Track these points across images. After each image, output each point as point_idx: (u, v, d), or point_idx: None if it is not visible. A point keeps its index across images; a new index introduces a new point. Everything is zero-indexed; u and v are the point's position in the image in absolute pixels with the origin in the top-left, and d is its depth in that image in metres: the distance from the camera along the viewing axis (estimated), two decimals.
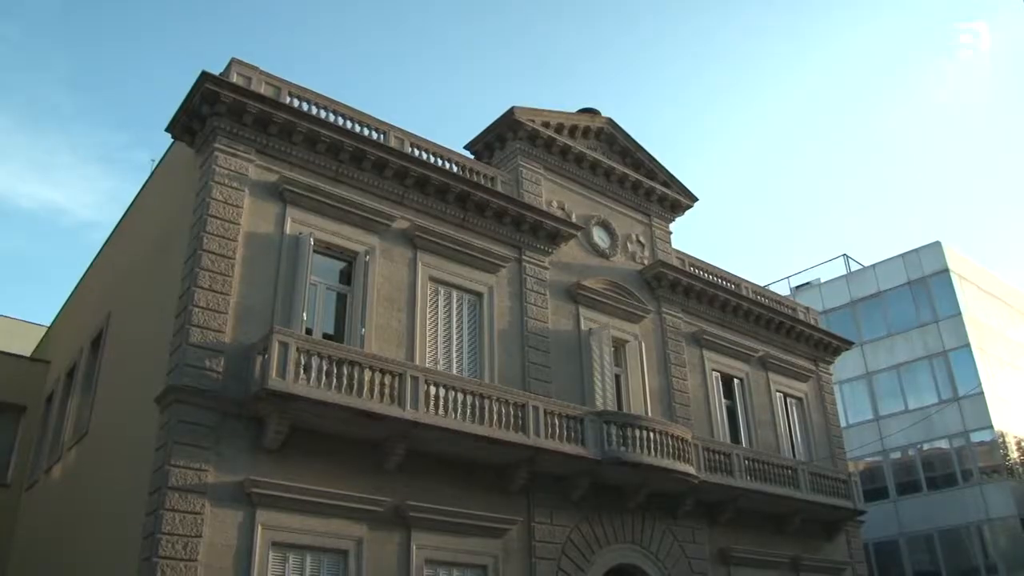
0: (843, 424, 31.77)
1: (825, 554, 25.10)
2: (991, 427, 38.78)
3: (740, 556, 22.24)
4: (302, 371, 14.78)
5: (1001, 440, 38.97)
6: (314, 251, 17.00)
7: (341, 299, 17.64)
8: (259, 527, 14.47)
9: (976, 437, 39.14)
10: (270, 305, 16.15)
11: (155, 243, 19.02)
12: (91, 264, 25.18)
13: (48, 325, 29.91)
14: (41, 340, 29.85)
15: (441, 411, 16.20)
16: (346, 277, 17.79)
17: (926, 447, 40.64)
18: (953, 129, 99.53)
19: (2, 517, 24.66)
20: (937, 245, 42.56)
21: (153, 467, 14.46)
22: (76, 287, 26.45)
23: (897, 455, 41.39)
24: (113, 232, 23.51)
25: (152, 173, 21.45)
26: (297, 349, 14.84)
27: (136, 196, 22.17)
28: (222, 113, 16.53)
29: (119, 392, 18.38)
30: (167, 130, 17.63)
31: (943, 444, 40.11)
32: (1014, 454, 39.85)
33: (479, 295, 19.57)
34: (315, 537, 15.04)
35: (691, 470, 19.91)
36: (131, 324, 19.17)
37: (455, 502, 16.90)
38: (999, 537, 37.65)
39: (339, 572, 15.19)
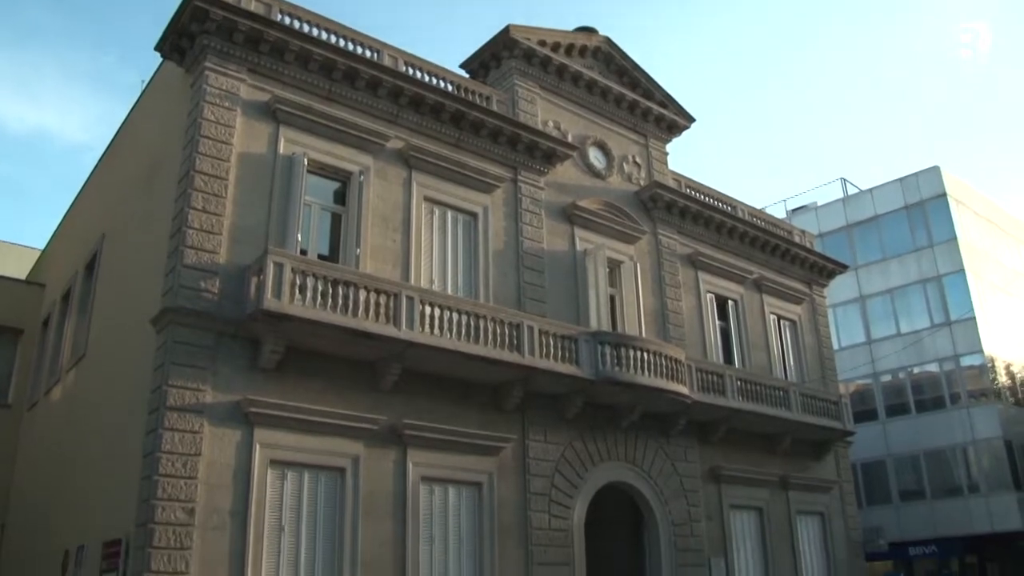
0: (835, 347, 32.05)
1: (814, 473, 25.61)
2: (981, 352, 39.18)
3: (730, 474, 22.67)
4: (297, 291, 14.81)
5: (991, 364, 39.43)
6: (308, 171, 16.86)
7: (336, 220, 17.56)
8: (257, 446, 14.66)
9: (966, 361, 39.58)
10: (264, 226, 16.09)
11: (147, 165, 18.84)
12: (83, 186, 24.98)
13: (42, 248, 29.81)
14: (36, 263, 29.79)
15: (436, 331, 16.29)
16: (340, 197, 17.68)
17: (916, 370, 41.13)
18: (960, 59, 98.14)
19: (4, 437, 24.98)
20: (935, 170, 42.36)
21: (151, 387, 14.59)
22: (69, 210, 26.30)
23: (887, 378, 41.90)
24: (104, 154, 23.26)
25: (142, 94, 21.11)
26: (292, 270, 14.85)
27: (126, 117, 21.88)
28: (212, 31, 16.20)
29: (115, 314, 18.43)
30: (156, 49, 17.31)
31: (933, 368, 40.57)
32: (1002, 378, 40.37)
33: (474, 215, 19.50)
34: (312, 455, 15.26)
35: (684, 390, 20.16)
36: (125, 246, 19.12)
37: (450, 421, 17.12)
38: (983, 458, 38.40)
39: (336, 489, 15.45)
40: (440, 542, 16.55)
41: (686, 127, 25.69)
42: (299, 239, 16.31)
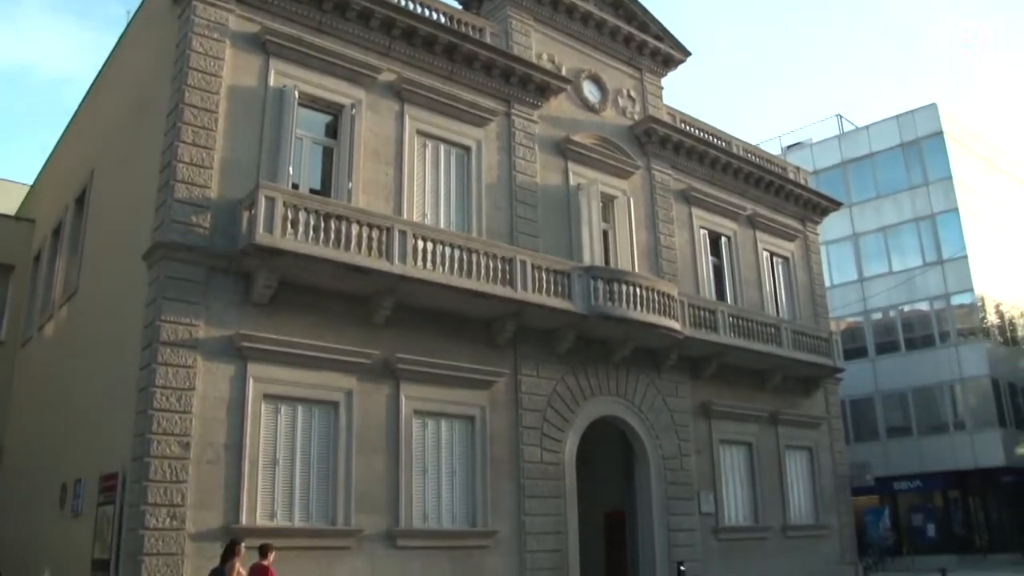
0: (827, 284, 32.19)
1: (803, 409, 25.89)
2: (972, 290, 39.43)
3: (721, 410, 22.91)
4: (289, 226, 14.72)
5: (981, 303, 39.69)
6: (299, 104, 16.64)
7: (327, 153, 17.40)
8: (250, 380, 14.72)
9: (956, 300, 39.84)
10: (255, 160, 15.92)
11: (135, 98, 18.56)
12: (71, 121, 24.63)
13: (31, 184, 29.52)
14: (25, 199, 29.53)
15: (429, 265, 16.26)
16: (332, 131, 17.47)
17: (907, 309, 41.40)
18: None
19: None
20: (932, 107, 42.08)
21: (144, 323, 14.59)
22: (57, 145, 25.98)
23: (878, 316, 42.19)
24: (91, 88, 22.88)
25: (128, 25, 20.69)
26: (284, 204, 14.74)
27: (113, 50, 21.46)
28: None
29: (106, 250, 18.35)
30: None
31: (924, 306, 40.85)
32: (992, 317, 40.67)
33: (467, 149, 19.32)
34: (306, 389, 15.34)
35: (676, 326, 20.25)
36: (115, 181, 18.95)
37: (443, 355, 17.18)
38: (970, 395, 38.91)
39: (330, 423, 15.58)
40: (433, 475, 16.76)
41: (682, 61, 25.34)
42: (290, 173, 16.18)
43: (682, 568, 19.90)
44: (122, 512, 14.01)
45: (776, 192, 27.44)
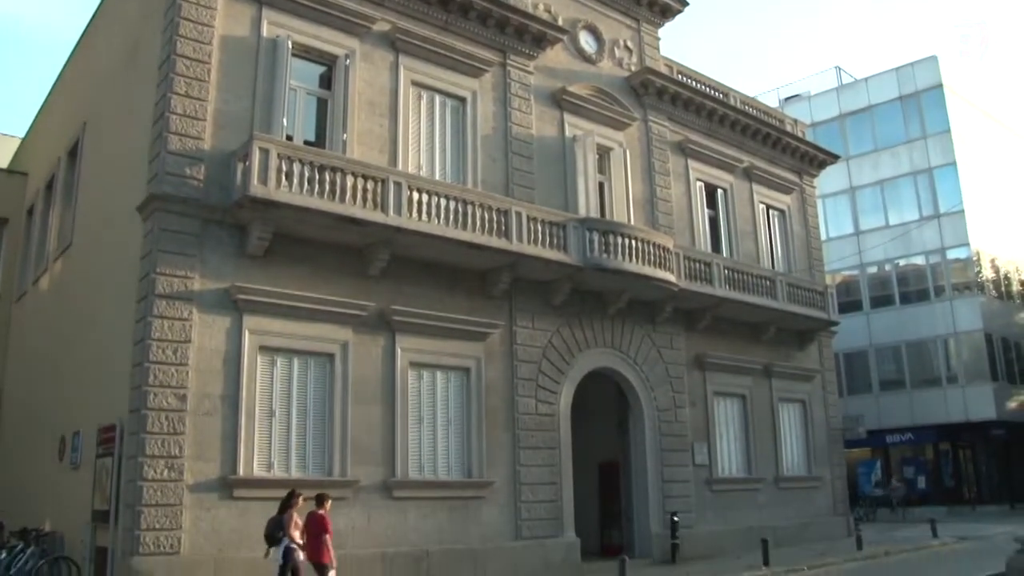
0: (823, 238, 32.22)
1: (797, 362, 26.05)
2: (968, 245, 39.44)
3: (715, 362, 23.03)
4: (284, 178, 14.66)
5: (976, 258, 39.75)
6: (292, 55, 16.44)
7: (322, 105, 17.25)
8: (246, 332, 14.76)
9: (952, 254, 39.89)
10: (249, 111, 15.78)
11: (126, 49, 18.31)
12: (61, 73, 24.32)
13: (23, 137, 29.25)
14: (16, 151, 29.27)
15: (424, 217, 16.22)
16: (326, 82, 17.30)
17: (902, 263, 41.45)
18: None
19: None
20: (933, 60, 41.68)
21: (139, 275, 14.58)
22: (48, 96, 25.68)
23: (874, 270, 42.25)
24: (81, 39, 22.54)
25: None
26: (278, 155, 14.66)
27: (102, 0, 21.13)
28: None
29: (100, 202, 18.26)
30: None
31: (919, 260, 40.89)
32: (987, 271, 40.76)
33: (462, 100, 19.14)
34: (301, 341, 15.39)
35: (671, 278, 20.27)
36: (107, 133, 18.79)
37: (438, 307, 17.21)
38: (963, 349, 39.14)
39: (325, 375, 15.65)
40: (429, 426, 16.88)
41: (679, 11, 25.00)
42: (284, 124, 16.06)
43: (675, 518, 20.16)
44: (120, 464, 14.14)
45: (773, 145, 27.30)
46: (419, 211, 16.17)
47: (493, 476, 17.43)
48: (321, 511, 13.04)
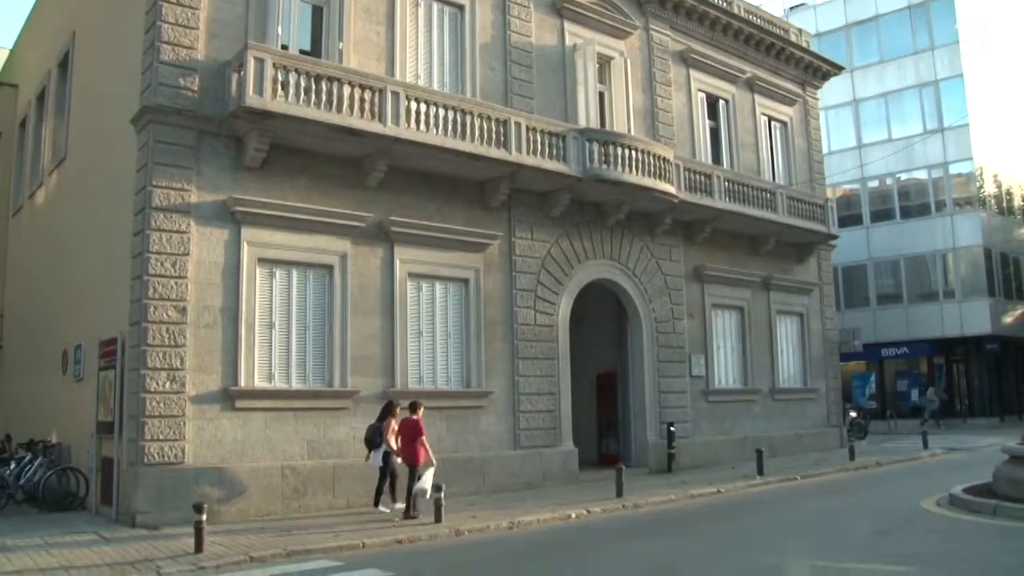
0: (825, 151, 31.89)
1: (795, 275, 26.11)
2: (971, 159, 39.06)
3: (713, 274, 23.06)
4: (279, 88, 14.43)
5: (979, 173, 39.42)
6: None
7: (317, 13, 16.83)
8: (245, 244, 14.71)
9: (954, 169, 39.52)
10: (243, 19, 15.41)
11: None
12: None
13: (11, 48, 28.68)
14: (5, 63, 28.73)
15: (422, 127, 16.02)
16: None
17: (904, 177, 41.14)
18: None
19: None
20: None
21: (135, 188, 14.47)
22: (35, 6, 25.08)
23: (875, 183, 41.98)
24: None
25: None
26: (273, 65, 14.39)
27: None
28: None
29: (93, 115, 18.02)
30: None
31: (921, 174, 40.57)
32: (989, 187, 40.49)
33: (460, 8, 18.64)
34: (300, 253, 15.37)
35: (671, 189, 20.15)
36: (98, 43, 18.40)
37: (437, 218, 17.15)
38: (961, 264, 39.15)
39: (325, 286, 15.67)
40: (428, 337, 16.98)
41: None
42: (279, 33, 15.68)
43: (672, 429, 20.48)
44: (123, 376, 14.26)
45: (777, 55, 26.79)
46: (417, 121, 15.95)
47: (492, 386, 17.62)
48: (415, 416, 14.30)
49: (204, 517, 11.17)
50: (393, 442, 14.38)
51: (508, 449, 17.73)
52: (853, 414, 29.77)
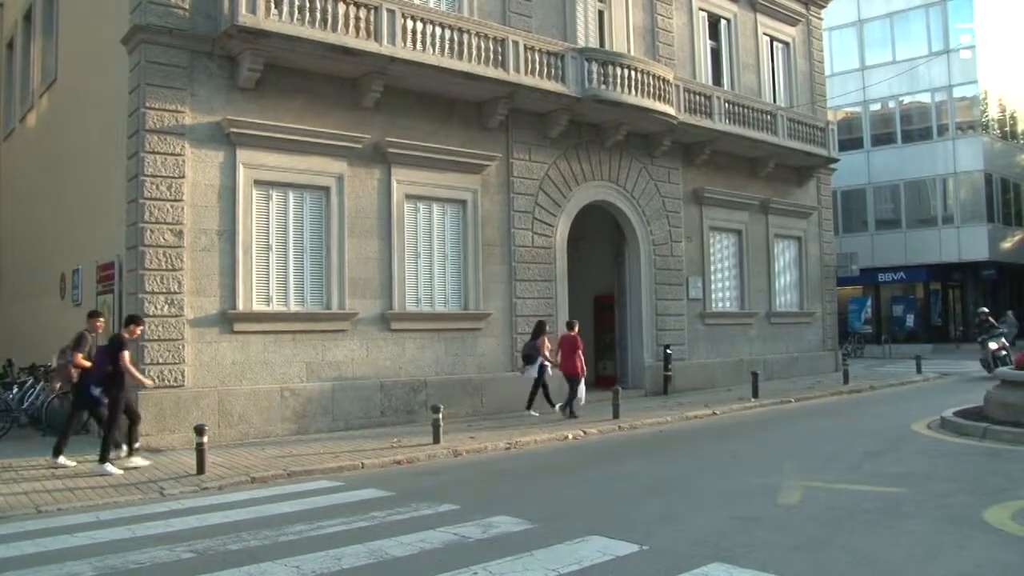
0: (827, 72, 31.40)
1: (794, 198, 26.00)
2: (976, 82, 38.53)
3: (712, 197, 22.94)
4: (273, 5, 14.12)
5: (983, 96, 38.92)
6: None
7: None
8: (240, 166, 14.57)
9: (958, 92, 39.03)
10: None
11: None
12: None
13: None
14: None
15: (419, 46, 15.74)
16: None
17: (907, 100, 40.68)
18: None
19: None
20: None
21: (128, 111, 14.26)
22: None
23: (876, 107, 41.53)
24: None
25: None
26: None
27: None
28: None
29: (83, 35, 17.66)
30: None
31: (924, 98, 40.11)
32: (993, 111, 40.02)
33: None
34: (296, 175, 15.23)
35: (670, 110, 19.92)
36: None
37: (434, 139, 16.97)
38: (961, 189, 38.97)
39: (321, 208, 15.58)
40: (425, 259, 16.97)
41: None
42: None
43: (668, 351, 20.64)
44: (121, 300, 14.27)
45: None
46: (413, 40, 15.67)
47: (489, 308, 17.68)
48: (572, 333, 16.85)
49: (205, 439, 11.28)
50: (548, 355, 16.61)
51: (505, 371, 17.87)
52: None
